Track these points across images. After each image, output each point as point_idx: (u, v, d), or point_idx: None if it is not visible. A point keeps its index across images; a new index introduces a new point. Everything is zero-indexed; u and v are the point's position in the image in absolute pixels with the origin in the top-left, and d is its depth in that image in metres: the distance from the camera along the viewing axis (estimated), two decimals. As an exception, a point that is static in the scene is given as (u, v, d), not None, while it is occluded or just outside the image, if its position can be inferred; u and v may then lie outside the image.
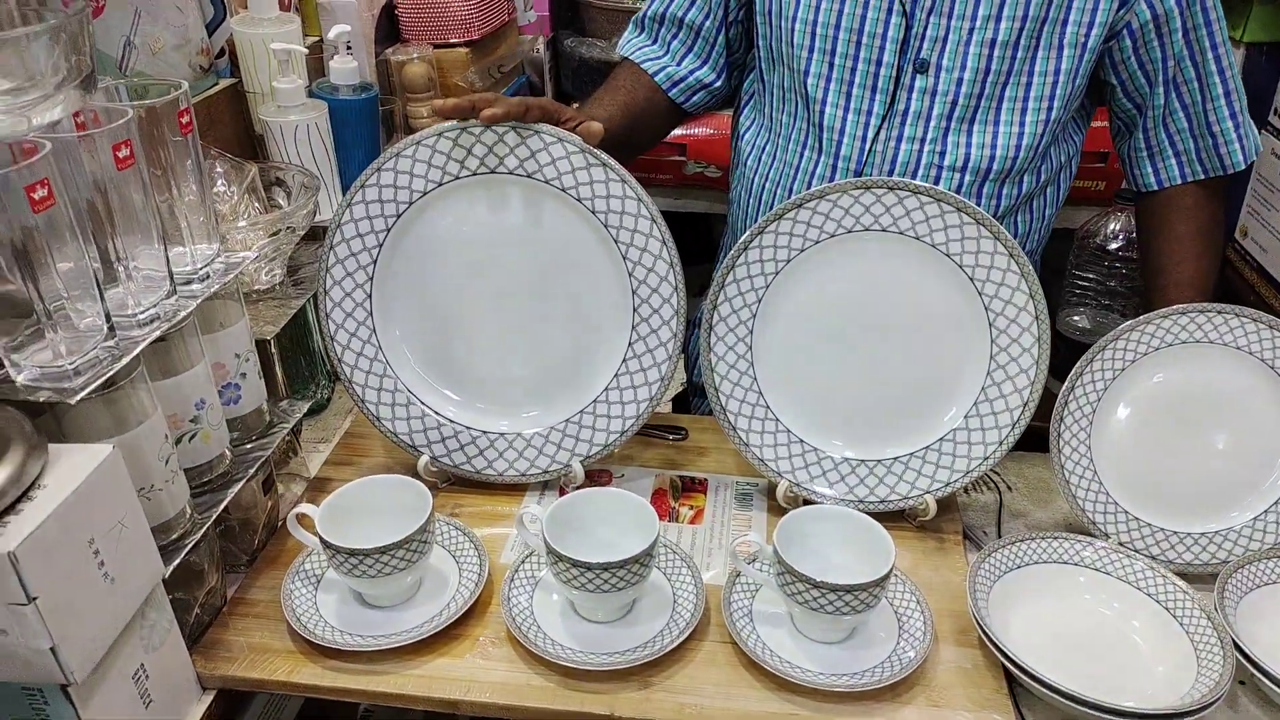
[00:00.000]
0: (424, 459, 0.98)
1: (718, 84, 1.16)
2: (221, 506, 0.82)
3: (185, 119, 0.84)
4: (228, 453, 0.86)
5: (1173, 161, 1.05)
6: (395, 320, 0.99)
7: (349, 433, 1.09)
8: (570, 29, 1.84)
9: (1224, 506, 0.89)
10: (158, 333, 0.75)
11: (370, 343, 0.98)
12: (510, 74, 1.70)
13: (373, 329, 0.98)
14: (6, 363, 0.67)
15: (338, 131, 1.26)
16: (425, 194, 0.95)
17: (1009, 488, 1.04)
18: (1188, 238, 1.05)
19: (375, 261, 0.96)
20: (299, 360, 1.12)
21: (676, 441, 1.10)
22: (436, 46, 1.52)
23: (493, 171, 0.94)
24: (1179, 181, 1.06)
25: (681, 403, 1.46)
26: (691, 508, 1.00)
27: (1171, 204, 1.07)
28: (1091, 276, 1.56)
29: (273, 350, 1.02)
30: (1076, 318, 1.56)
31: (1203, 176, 1.05)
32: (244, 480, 0.85)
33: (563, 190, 0.94)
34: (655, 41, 1.16)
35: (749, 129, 1.18)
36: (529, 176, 0.94)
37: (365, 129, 1.29)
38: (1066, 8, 0.95)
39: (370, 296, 0.97)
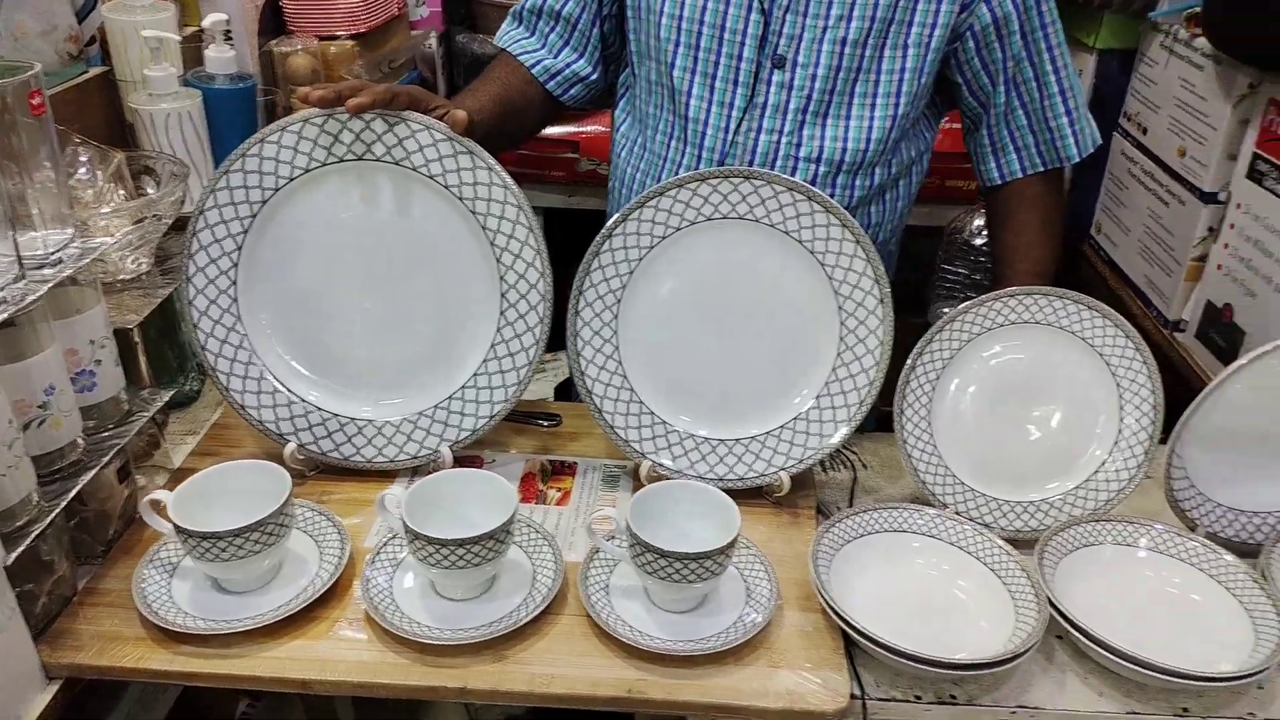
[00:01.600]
0: (290, 446, 0.98)
1: (594, 77, 1.19)
2: (71, 495, 0.81)
3: (37, 100, 0.84)
4: (80, 440, 0.86)
5: (1014, 156, 1.12)
6: (262, 307, 0.99)
7: (217, 424, 1.09)
8: (463, 25, 1.85)
9: (1048, 477, 0.96)
10: (3, 316, 0.75)
11: (235, 330, 0.98)
12: (401, 69, 1.71)
13: (238, 315, 0.98)
14: None
15: (213, 121, 1.25)
16: (291, 180, 0.95)
17: (864, 465, 1.09)
18: (1030, 228, 1.12)
19: (240, 248, 0.96)
20: (166, 351, 1.11)
21: (550, 428, 1.12)
22: (322, 39, 1.52)
23: (360, 158, 0.95)
24: (1020, 174, 1.13)
25: (566, 391, 1.48)
26: (559, 490, 1.02)
27: (1015, 196, 1.13)
28: (959, 270, 1.64)
29: (136, 339, 1.01)
30: (946, 309, 1.63)
31: (1042, 169, 1.12)
32: (96, 468, 0.84)
33: (430, 177, 0.96)
34: (533, 34, 1.19)
35: (623, 122, 1.21)
36: (396, 164, 0.95)
37: (242, 119, 1.28)
38: (912, 10, 1.01)
39: (235, 283, 0.97)
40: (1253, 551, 0.93)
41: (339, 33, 1.53)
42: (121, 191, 1.08)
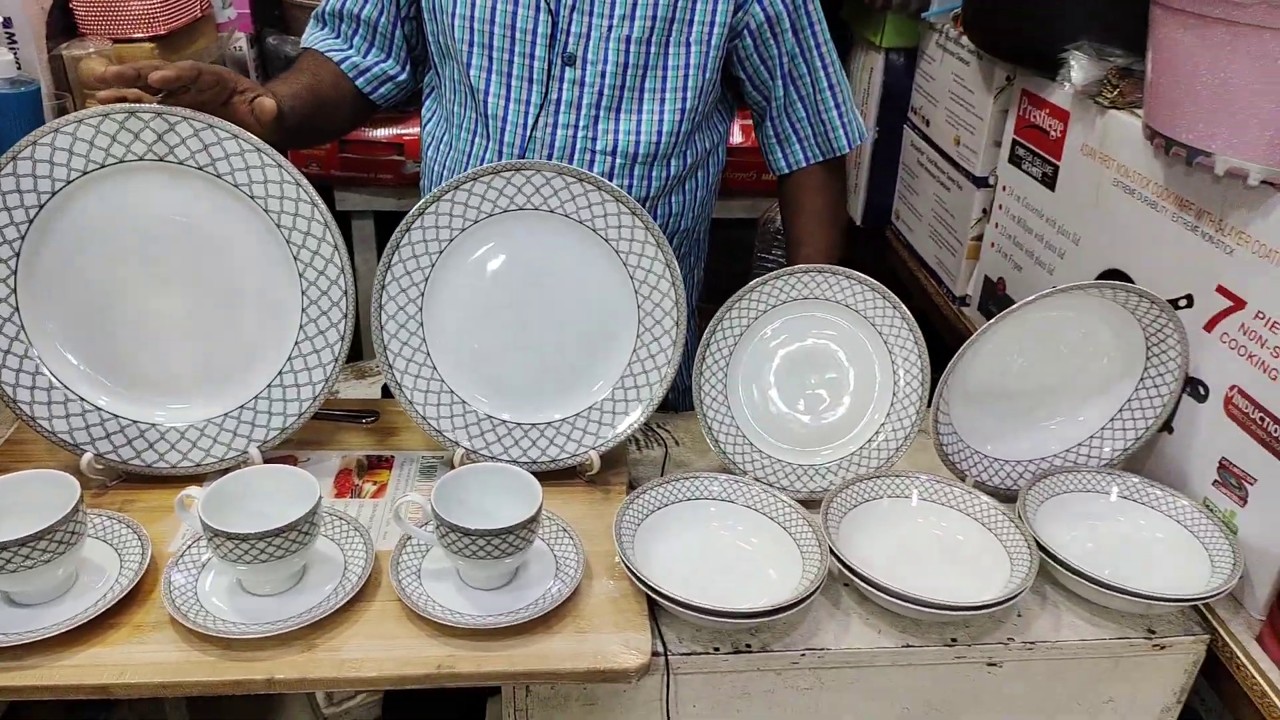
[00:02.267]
0: (87, 456, 0.96)
1: (402, 77, 1.20)
2: None
3: None
4: None
5: (797, 146, 1.20)
6: (48, 313, 0.96)
7: (9, 440, 1.04)
8: (274, 27, 1.82)
9: (835, 439, 1.04)
10: None
11: (19, 339, 0.94)
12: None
13: (20, 324, 0.94)
14: None
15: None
16: (69, 182, 0.93)
17: (675, 442, 1.15)
18: (815, 213, 1.21)
19: (18, 255, 0.93)
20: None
21: (370, 424, 1.13)
22: (117, 41, 1.47)
23: (141, 158, 0.94)
24: (804, 164, 1.21)
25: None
26: (375, 483, 1.03)
27: (801, 184, 1.22)
28: (774, 256, 1.73)
29: (-91, 353, 0.96)
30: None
31: (821, 159, 1.21)
32: None
33: (218, 175, 0.95)
34: (338, 36, 1.19)
35: (430, 120, 1.23)
36: (180, 163, 0.94)
37: (26, 125, 1.23)
38: (692, 9, 1.07)
39: (15, 290, 0.94)
40: (1014, 496, 1.03)
41: (136, 34, 1.48)
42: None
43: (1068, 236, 1.21)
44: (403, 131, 1.86)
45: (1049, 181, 1.25)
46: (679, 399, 1.28)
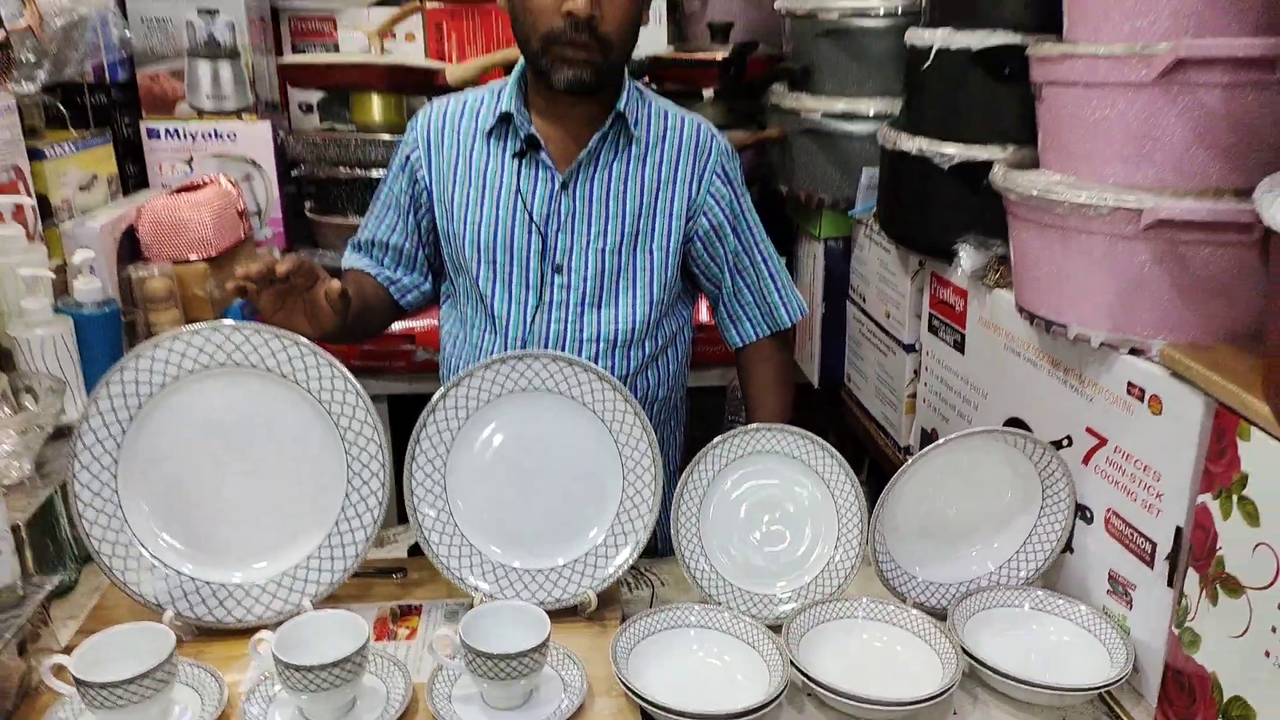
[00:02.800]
0: (168, 614, 1.14)
1: (426, 287, 1.48)
2: (-17, 660, 0.95)
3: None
4: (-18, 621, 1.00)
5: (747, 324, 1.46)
6: (142, 496, 1.17)
7: (98, 605, 1.23)
8: (304, 243, 2.11)
9: (793, 573, 1.24)
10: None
11: (116, 517, 1.15)
12: (248, 282, 1.94)
13: (119, 505, 1.15)
14: None
15: (83, 341, 1.44)
16: (164, 387, 1.16)
17: (661, 583, 1.34)
18: (766, 379, 1.46)
19: (120, 446, 1.15)
20: (47, 547, 1.25)
21: (400, 580, 1.32)
22: (176, 263, 1.74)
23: (222, 365, 1.17)
24: (754, 338, 1.47)
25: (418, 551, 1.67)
26: (408, 628, 1.22)
27: (752, 356, 1.47)
28: (740, 418, 1.96)
29: (23, 536, 1.16)
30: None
31: (769, 332, 1.47)
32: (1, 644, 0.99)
33: (282, 376, 1.18)
34: (371, 259, 1.47)
35: (447, 321, 1.49)
36: (253, 366, 1.18)
37: (108, 338, 1.48)
38: (652, 225, 1.35)
39: (116, 478, 1.15)
40: (945, 614, 1.22)
41: (191, 256, 1.76)
42: (6, 408, 1.24)
43: (978, 392, 1.45)
44: (413, 325, 2.12)
45: (960, 346, 1.50)
46: (664, 546, 1.48)
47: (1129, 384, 1.10)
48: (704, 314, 2.05)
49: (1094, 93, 1.05)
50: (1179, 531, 1.04)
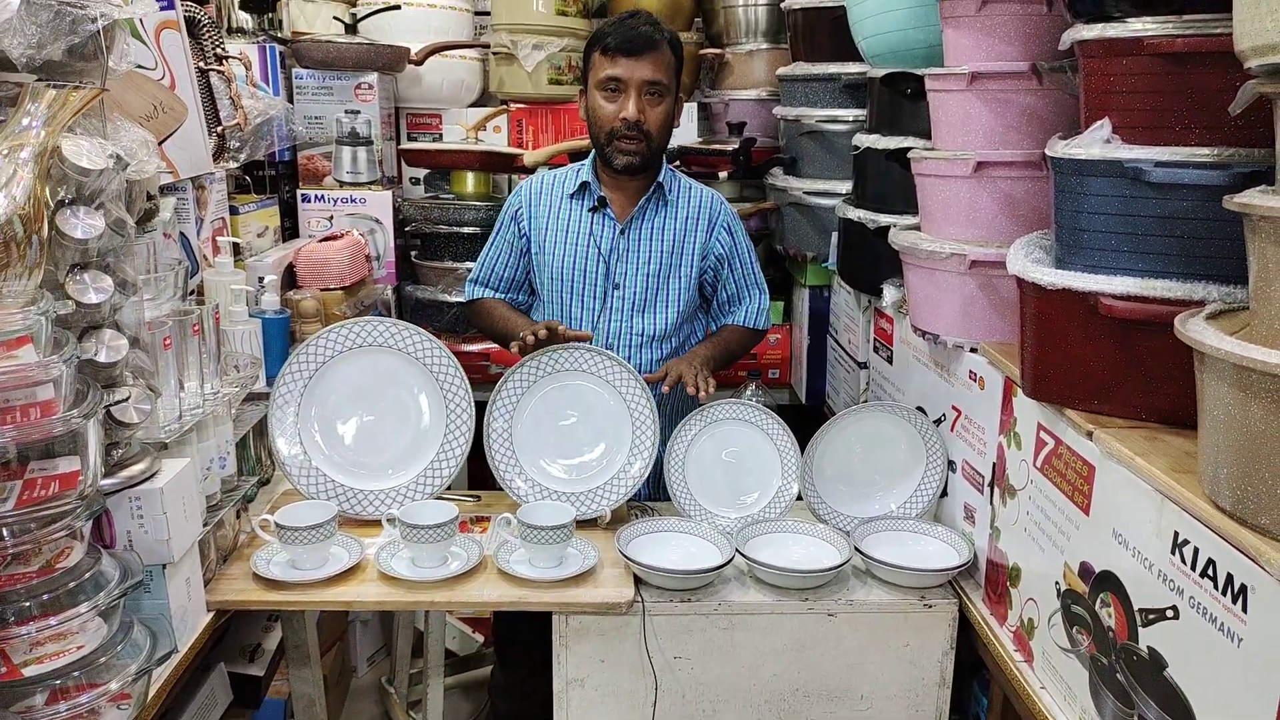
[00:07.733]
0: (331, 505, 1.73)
1: (525, 302, 2.10)
2: (226, 509, 1.55)
3: (195, 328, 1.65)
4: (219, 492, 1.60)
5: (727, 319, 2.05)
6: (314, 427, 1.77)
7: (283, 493, 1.83)
8: (409, 280, 2.75)
9: (750, 493, 1.78)
10: (192, 422, 1.52)
11: (297, 440, 1.75)
12: (369, 307, 2.57)
13: (298, 431, 1.75)
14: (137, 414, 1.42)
15: (265, 336, 2.07)
16: (330, 359, 1.77)
17: (658, 515, 1.89)
18: (721, 335, 2.05)
19: (303, 395, 1.76)
20: (253, 453, 1.86)
21: (477, 502, 1.89)
22: (322, 290, 2.38)
23: (381, 345, 1.78)
24: (730, 324, 2.06)
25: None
26: (481, 529, 1.78)
27: (726, 327, 2.07)
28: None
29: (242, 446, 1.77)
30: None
31: (744, 327, 2.05)
32: (231, 504, 1.58)
33: (418, 360, 1.79)
34: (489, 287, 2.09)
35: (534, 323, 2.10)
36: (397, 349, 1.79)
37: (281, 336, 2.11)
38: (680, 258, 1.96)
39: (298, 415, 1.76)
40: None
41: (333, 285, 2.40)
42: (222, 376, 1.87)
43: (901, 392, 1.99)
44: (489, 347, 2.73)
45: (890, 360, 2.04)
46: (660, 494, 2.02)
47: (970, 371, 1.63)
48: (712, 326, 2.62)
49: (941, 181, 1.61)
50: (994, 465, 1.56)
